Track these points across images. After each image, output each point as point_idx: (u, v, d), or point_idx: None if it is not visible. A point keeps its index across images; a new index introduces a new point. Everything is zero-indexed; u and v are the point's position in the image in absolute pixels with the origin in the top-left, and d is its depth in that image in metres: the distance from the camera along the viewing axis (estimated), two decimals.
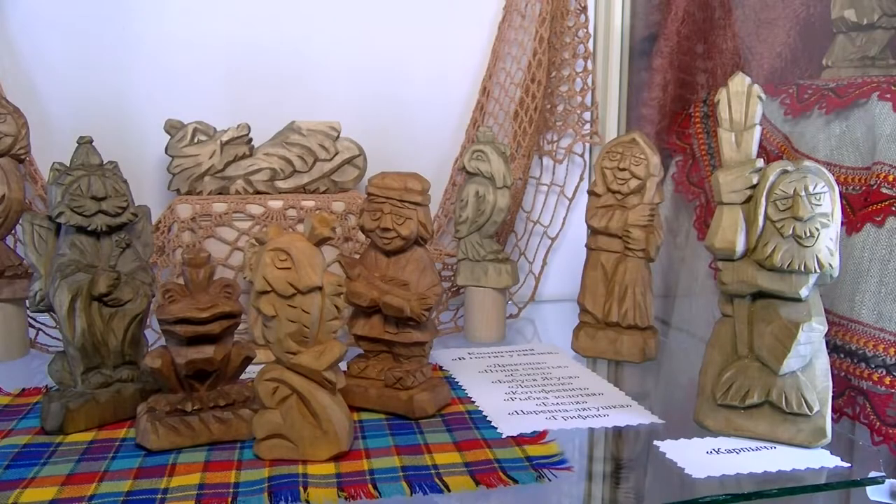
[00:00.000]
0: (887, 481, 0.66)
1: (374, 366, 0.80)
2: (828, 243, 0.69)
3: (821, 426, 0.70)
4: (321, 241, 0.68)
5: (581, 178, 1.27)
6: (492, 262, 1.04)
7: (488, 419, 0.77)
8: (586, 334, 0.98)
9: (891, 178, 0.78)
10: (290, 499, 0.61)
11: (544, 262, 1.26)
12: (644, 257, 0.96)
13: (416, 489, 0.63)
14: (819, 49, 1.00)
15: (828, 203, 0.70)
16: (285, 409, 0.68)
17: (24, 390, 0.85)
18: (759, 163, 0.73)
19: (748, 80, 0.75)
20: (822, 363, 0.71)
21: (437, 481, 0.64)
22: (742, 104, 0.75)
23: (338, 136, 1.11)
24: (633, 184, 0.96)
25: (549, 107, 1.24)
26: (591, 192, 0.99)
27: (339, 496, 0.62)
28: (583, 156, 1.27)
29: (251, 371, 0.75)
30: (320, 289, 0.66)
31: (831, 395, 0.71)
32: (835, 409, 0.77)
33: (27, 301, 0.97)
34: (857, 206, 0.82)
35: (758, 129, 0.74)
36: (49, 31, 1.11)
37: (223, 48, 1.15)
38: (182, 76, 1.14)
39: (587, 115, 1.26)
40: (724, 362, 0.74)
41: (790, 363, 0.69)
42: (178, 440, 0.70)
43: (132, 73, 1.13)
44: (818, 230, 0.69)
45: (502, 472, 0.65)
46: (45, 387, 0.85)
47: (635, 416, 0.79)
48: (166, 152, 1.05)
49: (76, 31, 1.11)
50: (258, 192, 1.07)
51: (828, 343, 0.73)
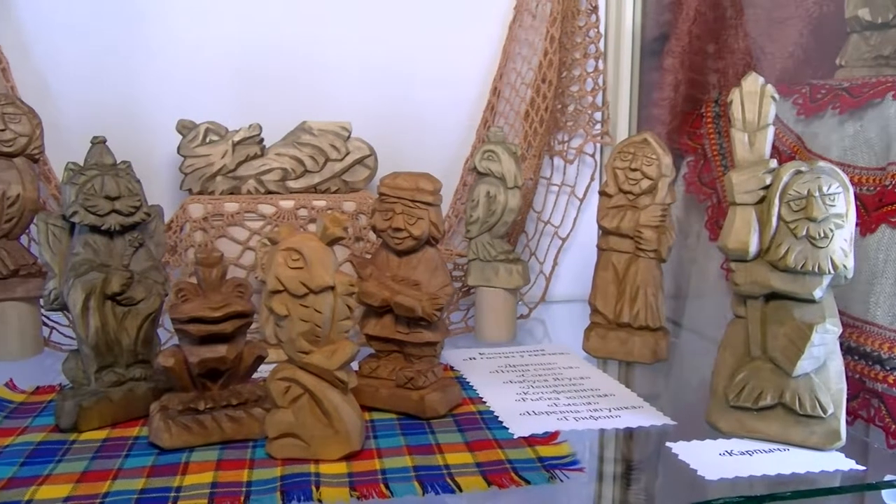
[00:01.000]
0: None
1: (386, 365, 0.80)
2: (842, 244, 0.69)
3: (835, 428, 0.70)
4: (333, 241, 0.68)
5: (592, 179, 1.27)
6: (502, 262, 1.04)
7: (500, 419, 0.77)
8: (597, 335, 0.98)
9: None
10: (302, 498, 0.61)
11: (555, 263, 1.25)
12: (656, 258, 0.96)
13: (429, 489, 0.63)
14: (832, 48, 0.99)
15: (842, 204, 0.69)
16: (297, 408, 0.68)
17: (38, 388, 0.86)
18: (773, 163, 0.73)
19: (761, 79, 0.75)
20: (836, 365, 0.71)
21: (448, 481, 0.64)
22: (755, 104, 0.74)
23: (348, 137, 1.11)
24: (645, 184, 0.96)
25: (559, 107, 1.23)
26: (602, 193, 0.99)
27: (350, 495, 0.62)
28: (593, 156, 1.27)
29: (263, 370, 0.75)
30: (332, 288, 0.67)
31: (845, 397, 0.70)
32: (849, 412, 0.76)
33: (41, 300, 0.98)
34: (871, 207, 0.81)
35: (771, 130, 0.74)
36: (62, 33, 1.12)
37: (235, 49, 1.16)
38: (194, 76, 1.14)
39: (598, 116, 1.26)
40: (736, 364, 0.74)
41: (803, 365, 0.69)
42: (190, 439, 0.70)
43: (144, 73, 1.13)
44: (832, 231, 0.68)
45: (514, 472, 0.65)
46: (59, 385, 0.86)
47: (647, 417, 0.79)
48: (178, 152, 1.06)
49: (89, 33, 1.12)
50: (269, 192, 1.07)
51: (842, 345, 0.73)
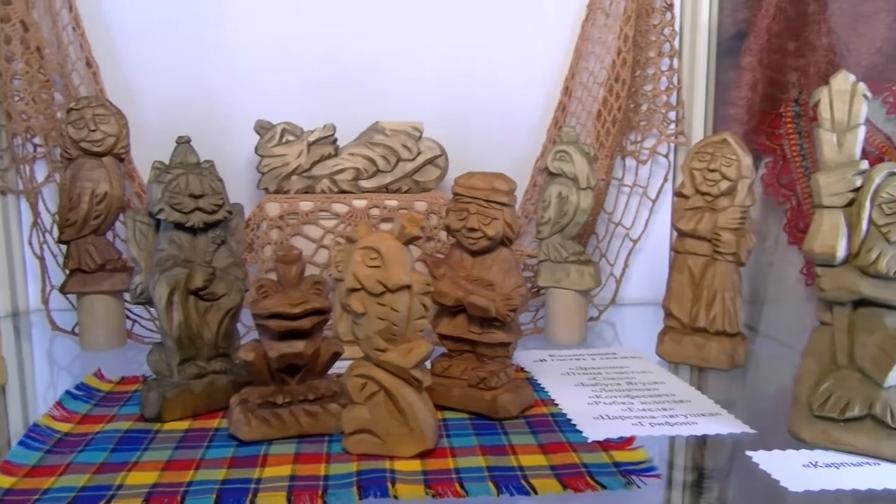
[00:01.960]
0: None
1: (458, 365, 0.81)
2: None
3: None
4: (410, 240, 0.68)
5: (665, 180, 1.24)
6: (574, 263, 1.03)
7: (573, 422, 0.77)
8: (671, 339, 0.96)
9: None
10: (378, 493, 0.62)
11: (625, 265, 1.24)
12: (734, 261, 0.93)
13: (503, 490, 0.62)
14: None
15: None
16: (373, 405, 0.69)
17: (123, 378, 0.89)
18: (864, 164, 0.70)
19: (852, 77, 0.72)
20: None
21: (523, 483, 0.64)
22: (845, 103, 0.72)
23: (420, 137, 1.12)
24: (724, 185, 0.93)
25: (632, 106, 1.22)
26: (678, 194, 0.97)
27: (426, 493, 0.62)
28: (667, 156, 1.25)
29: (339, 367, 0.76)
30: (409, 287, 0.67)
31: None
32: None
33: (126, 293, 1.02)
34: None
35: (862, 130, 0.71)
36: (146, 36, 1.16)
37: (310, 51, 1.18)
38: (271, 78, 1.17)
39: (672, 115, 1.24)
40: (821, 372, 0.71)
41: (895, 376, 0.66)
42: (268, 432, 0.72)
43: (223, 75, 1.17)
44: None
45: (589, 476, 0.65)
46: (143, 376, 0.89)
47: (725, 424, 0.77)
48: (256, 152, 1.09)
49: (171, 36, 1.16)
50: (342, 192, 1.09)
51: None
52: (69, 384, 0.88)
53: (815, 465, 0.67)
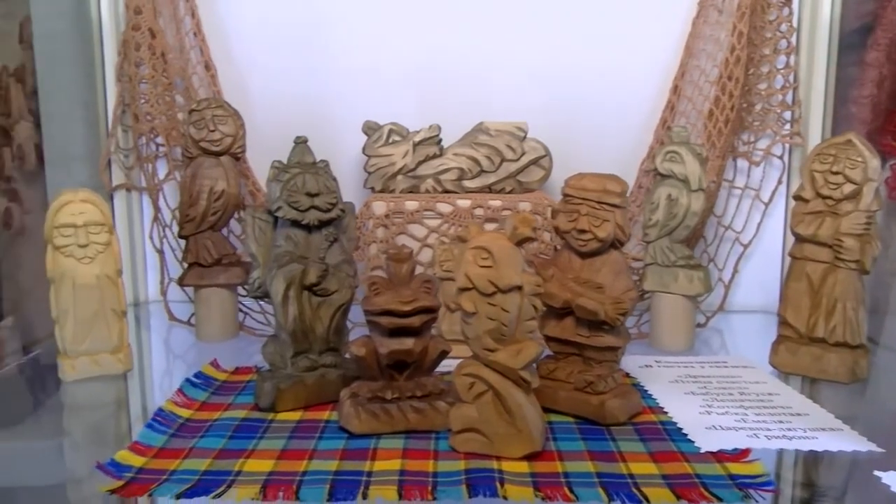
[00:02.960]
0: None
1: (564, 368, 0.80)
2: None
3: None
4: (522, 241, 0.68)
5: (779, 182, 1.19)
6: (682, 267, 1.00)
7: (683, 431, 0.74)
8: (787, 349, 0.92)
9: None
10: (487, 493, 0.62)
11: (735, 270, 1.19)
12: (858, 269, 0.88)
13: (614, 497, 0.61)
14: None
15: None
16: (481, 404, 0.69)
17: (237, 368, 0.93)
18: None
19: None
20: None
21: (634, 491, 0.62)
22: None
23: (524, 137, 1.11)
24: (848, 189, 0.89)
25: (745, 106, 1.17)
26: (797, 197, 0.93)
27: (535, 495, 0.62)
28: (782, 158, 1.19)
29: (446, 365, 0.77)
30: (520, 288, 0.67)
31: None
32: None
33: (242, 287, 1.06)
34: None
35: None
36: (260, 41, 1.21)
37: (415, 52, 1.20)
38: (378, 79, 1.20)
39: (788, 115, 1.18)
40: None
41: None
42: (377, 426, 0.73)
43: (333, 77, 1.21)
44: None
45: (704, 487, 0.63)
46: (255, 366, 0.92)
47: (848, 441, 0.73)
48: (363, 152, 1.11)
49: (283, 40, 1.21)
50: (446, 191, 1.10)
51: None
52: (184, 372, 0.92)
53: None
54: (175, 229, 1.16)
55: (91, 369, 0.89)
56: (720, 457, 0.69)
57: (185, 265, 1.07)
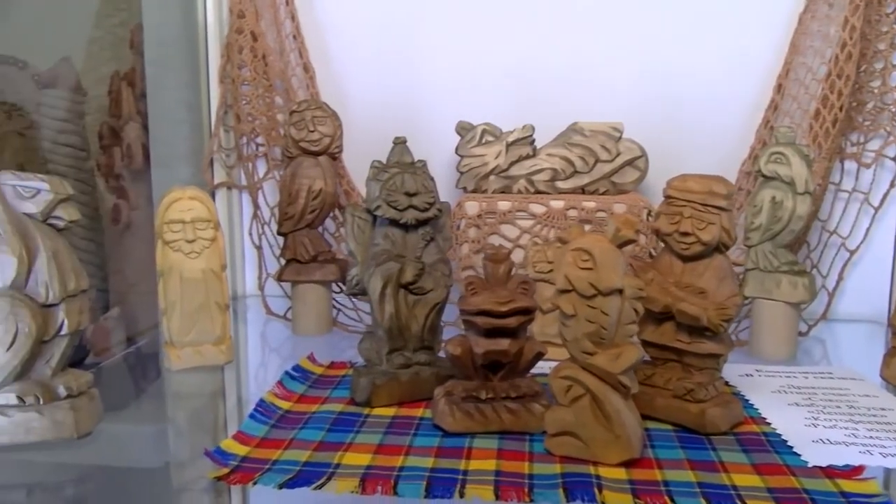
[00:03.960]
0: None
1: (662, 374, 0.78)
2: None
3: None
4: (624, 244, 0.67)
5: (891, 185, 1.13)
6: (786, 273, 0.96)
7: (789, 444, 0.71)
8: None
9: None
10: (585, 498, 0.61)
11: (840, 277, 1.14)
12: None
13: None
14: None
15: None
16: (578, 408, 0.68)
17: (332, 363, 0.95)
18: None
19: None
20: None
21: (738, 503, 0.60)
22: None
23: (620, 137, 1.10)
24: None
25: (855, 104, 1.11)
26: None
27: (634, 503, 0.61)
28: (895, 159, 1.13)
29: (541, 367, 0.76)
30: (621, 291, 0.66)
31: None
32: None
33: (337, 283, 1.09)
34: None
35: None
36: (356, 43, 1.23)
37: (509, 52, 1.20)
38: (472, 80, 1.20)
39: None
40: None
41: None
42: (471, 425, 0.74)
43: (427, 78, 1.22)
44: None
45: None
46: (350, 362, 0.94)
47: None
48: (456, 152, 1.12)
49: (379, 42, 1.23)
50: (539, 192, 1.09)
51: None
52: (279, 365, 0.95)
53: None
54: (273, 226, 1.19)
55: (195, 359, 0.93)
56: (830, 472, 0.66)
57: (283, 261, 1.11)
